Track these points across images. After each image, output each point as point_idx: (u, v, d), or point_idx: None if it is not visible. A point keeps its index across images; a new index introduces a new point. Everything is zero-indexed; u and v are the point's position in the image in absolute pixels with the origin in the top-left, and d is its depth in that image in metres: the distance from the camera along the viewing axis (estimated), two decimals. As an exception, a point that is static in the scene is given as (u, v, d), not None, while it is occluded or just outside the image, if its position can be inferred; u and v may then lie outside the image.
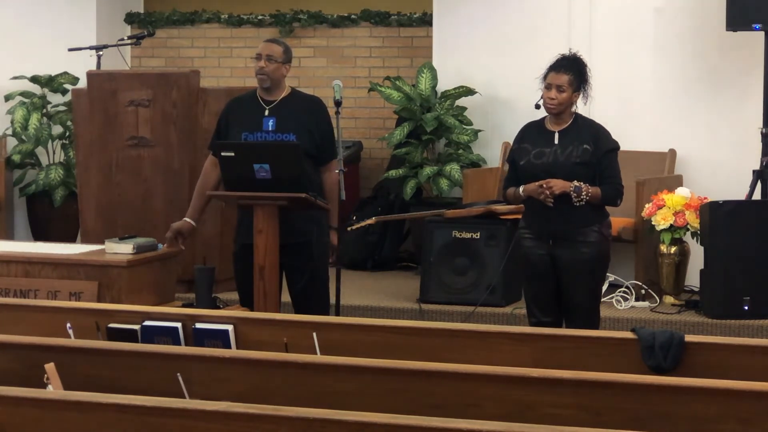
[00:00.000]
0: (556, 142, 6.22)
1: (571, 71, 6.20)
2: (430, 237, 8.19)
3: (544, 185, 6.09)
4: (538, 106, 6.32)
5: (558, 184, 6.10)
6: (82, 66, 9.20)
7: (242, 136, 6.38)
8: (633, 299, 8.06)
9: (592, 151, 6.17)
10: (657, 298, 8.05)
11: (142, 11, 10.77)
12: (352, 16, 10.27)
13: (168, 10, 10.67)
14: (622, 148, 6.36)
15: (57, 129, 10.03)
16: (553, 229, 6.20)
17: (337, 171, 6.44)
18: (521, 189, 6.21)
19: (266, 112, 6.42)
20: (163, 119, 8.08)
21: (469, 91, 9.22)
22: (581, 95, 6.25)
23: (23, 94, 10.04)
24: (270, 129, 6.38)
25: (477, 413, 4.07)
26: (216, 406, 3.74)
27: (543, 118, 6.34)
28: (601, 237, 6.23)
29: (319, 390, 4.32)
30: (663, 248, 7.98)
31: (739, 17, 8.08)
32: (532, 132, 6.33)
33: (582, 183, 6.11)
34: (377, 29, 10.24)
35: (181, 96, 8.05)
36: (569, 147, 6.19)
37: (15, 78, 10.03)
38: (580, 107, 6.38)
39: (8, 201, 10.11)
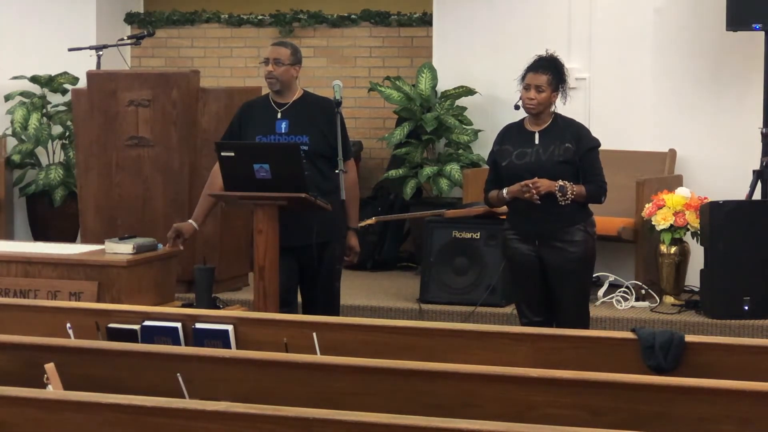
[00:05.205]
0: (537, 142, 6.23)
1: (549, 71, 6.22)
2: (430, 237, 8.19)
3: (530, 184, 6.09)
4: (517, 107, 6.33)
5: (544, 184, 6.11)
6: (82, 66, 9.19)
7: (256, 139, 6.39)
8: (633, 299, 8.06)
9: (575, 150, 6.19)
10: (657, 298, 8.04)
11: (142, 11, 10.76)
12: (352, 16, 10.26)
13: (168, 10, 10.67)
14: (622, 148, 6.38)
15: (57, 129, 10.03)
16: (539, 229, 6.20)
17: (344, 171, 6.43)
18: (505, 191, 6.22)
19: (279, 115, 6.43)
20: (163, 119, 8.08)
21: (469, 91, 9.22)
22: (560, 95, 6.26)
23: (23, 94, 10.03)
24: (283, 131, 6.38)
25: (477, 413, 4.07)
26: (216, 406, 3.74)
27: (522, 120, 6.36)
28: (587, 235, 6.24)
29: (319, 390, 4.32)
30: (663, 248, 7.98)
31: (739, 17, 8.08)
32: (512, 133, 6.34)
33: (567, 182, 6.12)
34: (377, 29, 10.24)
35: (181, 96, 8.04)
36: (551, 146, 6.20)
37: (15, 78, 10.02)
38: (560, 107, 6.38)
39: (8, 201, 10.10)
